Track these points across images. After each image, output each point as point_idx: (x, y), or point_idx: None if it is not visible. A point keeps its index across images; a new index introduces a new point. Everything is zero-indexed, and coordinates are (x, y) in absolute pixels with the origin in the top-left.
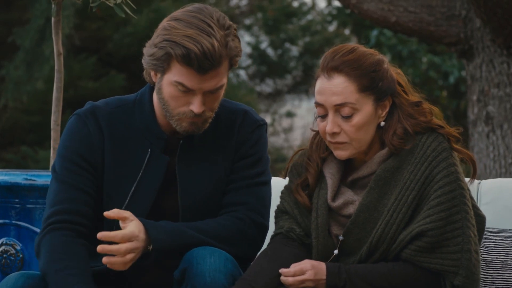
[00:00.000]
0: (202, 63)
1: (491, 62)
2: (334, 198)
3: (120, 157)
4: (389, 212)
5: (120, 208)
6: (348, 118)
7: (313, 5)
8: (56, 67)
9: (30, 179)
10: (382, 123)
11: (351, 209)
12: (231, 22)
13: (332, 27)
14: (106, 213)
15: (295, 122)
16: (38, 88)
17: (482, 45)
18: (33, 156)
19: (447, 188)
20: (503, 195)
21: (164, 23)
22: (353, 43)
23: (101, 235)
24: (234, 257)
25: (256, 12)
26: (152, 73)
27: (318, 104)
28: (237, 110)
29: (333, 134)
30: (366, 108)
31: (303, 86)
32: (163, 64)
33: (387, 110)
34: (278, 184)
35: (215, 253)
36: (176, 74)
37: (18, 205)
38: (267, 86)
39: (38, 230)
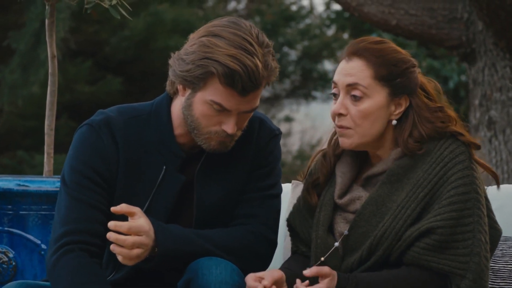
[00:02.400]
0: (245, 85)
1: (494, 66)
2: (343, 195)
3: (133, 172)
4: (398, 208)
5: None
6: (357, 99)
7: (312, 9)
8: (50, 70)
9: (23, 185)
10: (394, 122)
11: (357, 205)
12: (267, 39)
13: (330, 31)
14: (113, 209)
15: (294, 127)
16: (34, 92)
17: (484, 49)
18: (29, 161)
19: (460, 189)
20: (510, 202)
21: (202, 38)
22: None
23: (111, 223)
24: (240, 271)
25: (254, 16)
26: (180, 88)
27: (333, 83)
28: (253, 118)
29: (339, 115)
30: (378, 97)
31: (301, 90)
32: (199, 82)
33: (402, 109)
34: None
35: (221, 264)
36: (213, 94)
37: (10, 212)
38: (265, 91)
39: (31, 237)
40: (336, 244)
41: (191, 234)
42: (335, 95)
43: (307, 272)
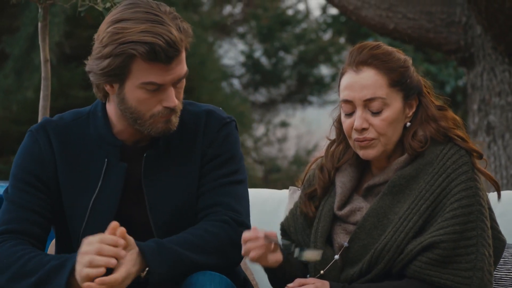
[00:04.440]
0: (167, 53)
1: (492, 70)
2: (343, 206)
3: (77, 171)
4: (400, 220)
5: (82, 220)
6: (377, 114)
7: (308, 13)
8: (43, 74)
9: None
10: (408, 124)
11: (358, 216)
12: (167, 6)
13: (327, 36)
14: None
15: (289, 132)
16: (28, 97)
17: (483, 53)
18: None
19: (464, 201)
20: (511, 209)
21: (107, 30)
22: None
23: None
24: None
25: (250, 20)
26: (108, 87)
27: (345, 102)
28: (200, 112)
29: (362, 130)
30: (396, 104)
31: (297, 95)
32: (123, 71)
33: (413, 110)
34: (275, 196)
35: (215, 280)
36: (141, 76)
37: None
38: (261, 96)
39: None
40: (336, 257)
41: (176, 247)
42: (350, 114)
43: (291, 285)
